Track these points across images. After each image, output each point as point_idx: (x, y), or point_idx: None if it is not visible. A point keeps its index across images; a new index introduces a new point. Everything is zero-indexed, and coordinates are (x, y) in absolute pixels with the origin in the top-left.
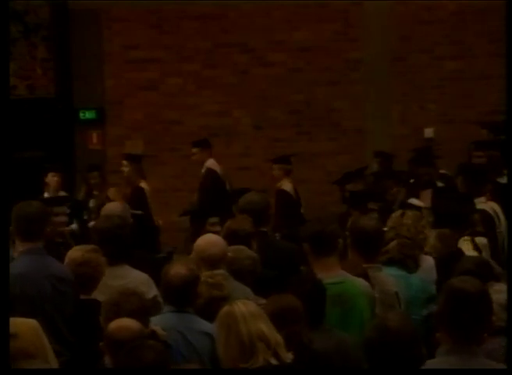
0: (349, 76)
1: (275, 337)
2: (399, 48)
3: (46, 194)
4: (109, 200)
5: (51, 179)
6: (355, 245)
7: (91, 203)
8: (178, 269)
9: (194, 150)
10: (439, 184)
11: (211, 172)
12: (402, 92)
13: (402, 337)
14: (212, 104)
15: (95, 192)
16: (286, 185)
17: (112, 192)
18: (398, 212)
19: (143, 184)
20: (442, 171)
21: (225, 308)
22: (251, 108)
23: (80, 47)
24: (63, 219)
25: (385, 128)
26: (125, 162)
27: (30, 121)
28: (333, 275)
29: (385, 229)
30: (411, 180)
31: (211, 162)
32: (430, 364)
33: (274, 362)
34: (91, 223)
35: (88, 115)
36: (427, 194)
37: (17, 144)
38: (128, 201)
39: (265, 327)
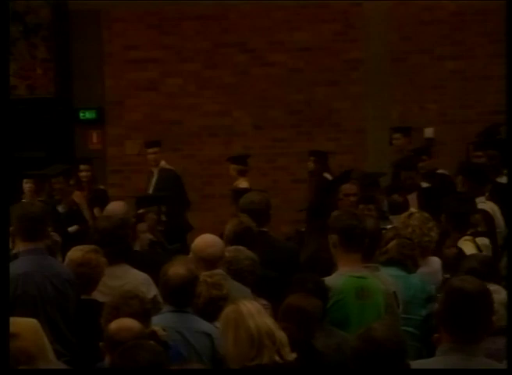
0: (349, 76)
1: (280, 334)
2: (399, 48)
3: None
4: (75, 204)
5: (25, 185)
6: None
7: (61, 209)
8: (177, 269)
9: (154, 150)
10: (425, 185)
11: (168, 171)
12: (402, 92)
13: (388, 348)
14: (212, 104)
15: (57, 196)
16: (242, 185)
17: (77, 196)
18: (406, 213)
19: (102, 186)
20: (440, 171)
21: (231, 306)
22: (251, 108)
23: (80, 47)
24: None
25: (385, 128)
26: (83, 166)
27: (30, 121)
28: (357, 270)
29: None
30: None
31: (164, 163)
32: (430, 363)
33: (278, 359)
34: (72, 228)
35: (88, 115)
36: (413, 197)
37: (17, 144)
38: (89, 203)
39: (272, 323)
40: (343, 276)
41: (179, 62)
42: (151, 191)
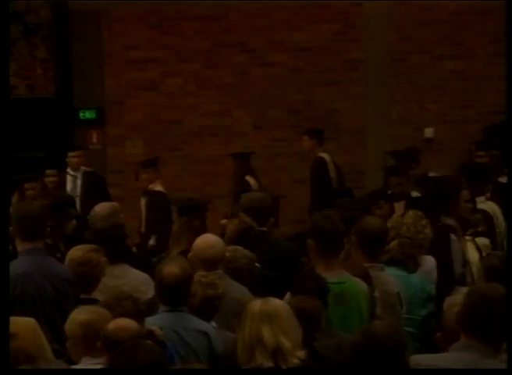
0: (349, 76)
1: (279, 340)
2: (399, 48)
3: None
4: None
5: None
6: (360, 244)
7: None
8: (171, 268)
9: (77, 153)
10: (415, 194)
11: (92, 173)
12: (402, 92)
13: (386, 345)
14: (212, 104)
15: None
16: (158, 187)
17: None
18: (399, 212)
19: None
20: (431, 174)
21: (252, 303)
22: (251, 108)
23: (80, 47)
24: None
25: (385, 128)
26: (50, 171)
27: (30, 121)
28: (335, 274)
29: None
30: (389, 192)
31: (85, 167)
32: (441, 357)
33: (269, 365)
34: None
35: (88, 115)
36: (400, 206)
37: (17, 144)
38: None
39: (267, 330)
40: None
41: (179, 62)
42: (78, 194)
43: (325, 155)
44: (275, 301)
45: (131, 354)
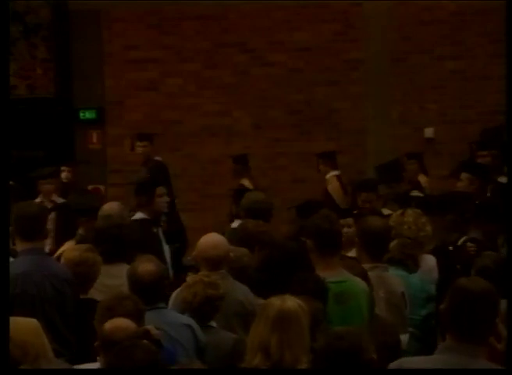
0: (349, 76)
1: (283, 353)
2: (399, 48)
3: None
4: None
5: None
6: (363, 245)
7: None
8: (146, 265)
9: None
10: (387, 212)
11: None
12: (402, 92)
13: (344, 344)
14: (212, 104)
15: None
16: (57, 200)
17: None
18: (399, 211)
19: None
20: (414, 193)
21: (269, 302)
22: (251, 108)
23: (80, 47)
24: None
25: (385, 128)
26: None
27: (29, 121)
28: (335, 273)
29: None
30: (354, 212)
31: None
32: (424, 360)
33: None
34: None
35: (88, 115)
36: None
37: (17, 144)
38: None
39: (275, 339)
40: None
41: (179, 62)
42: None
43: (160, 158)
44: (293, 305)
45: (128, 354)
